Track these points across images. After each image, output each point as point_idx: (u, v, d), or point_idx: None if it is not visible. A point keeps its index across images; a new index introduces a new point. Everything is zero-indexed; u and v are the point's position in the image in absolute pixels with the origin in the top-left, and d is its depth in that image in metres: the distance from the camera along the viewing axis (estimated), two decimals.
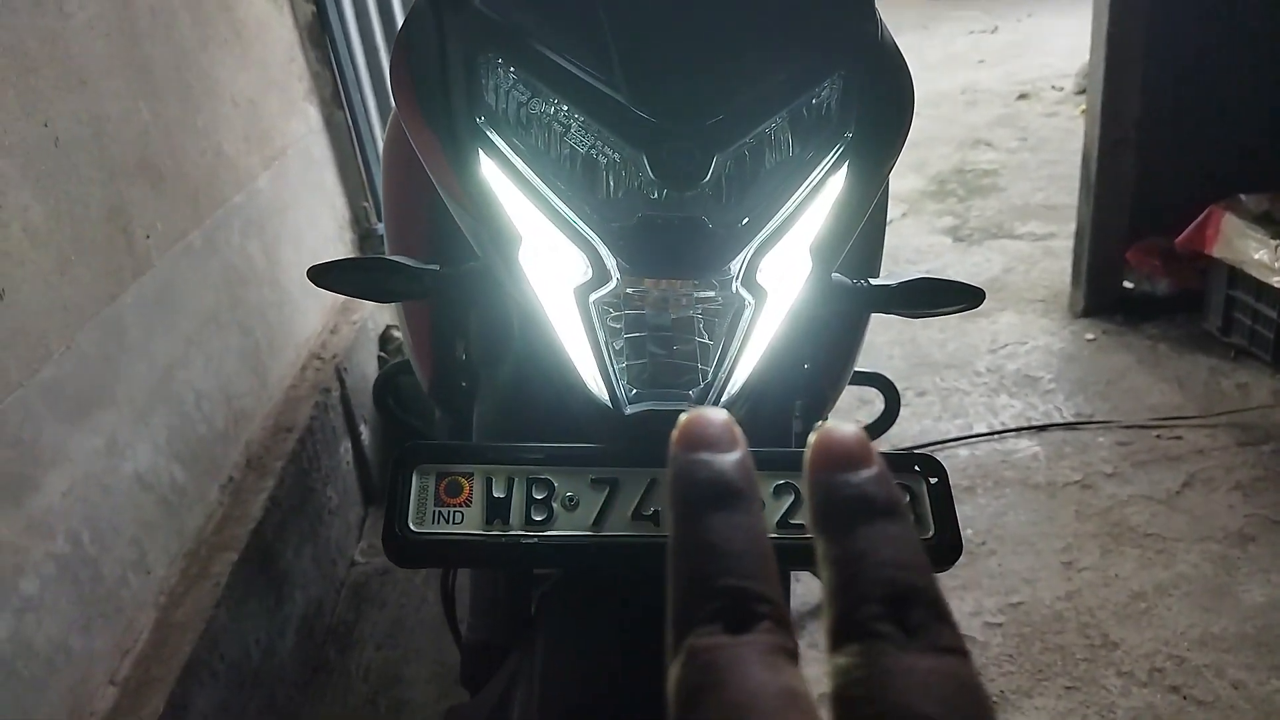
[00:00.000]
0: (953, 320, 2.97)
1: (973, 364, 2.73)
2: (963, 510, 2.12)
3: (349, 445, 2.12)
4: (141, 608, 1.40)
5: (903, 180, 4.24)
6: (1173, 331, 2.74)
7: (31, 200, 1.25)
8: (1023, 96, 5.28)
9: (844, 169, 0.72)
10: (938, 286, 0.78)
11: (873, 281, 0.78)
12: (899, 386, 2.65)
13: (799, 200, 0.70)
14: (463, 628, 0.96)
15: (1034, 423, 2.42)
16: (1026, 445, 2.34)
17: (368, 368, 2.27)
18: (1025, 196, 3.93)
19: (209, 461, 1.66)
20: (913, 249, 3.54)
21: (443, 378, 0.96)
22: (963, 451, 2.34)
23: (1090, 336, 2.80)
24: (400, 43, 0.79)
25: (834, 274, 0.76)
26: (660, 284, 0.69)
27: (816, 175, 0.71)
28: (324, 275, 0.74)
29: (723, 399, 0.70)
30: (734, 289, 0.68)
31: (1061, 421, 2.41)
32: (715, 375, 0.70)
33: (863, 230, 0.82)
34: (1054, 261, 3.27)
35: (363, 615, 1.94)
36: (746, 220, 0.68)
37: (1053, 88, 5.34)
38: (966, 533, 2.04)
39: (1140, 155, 2.70)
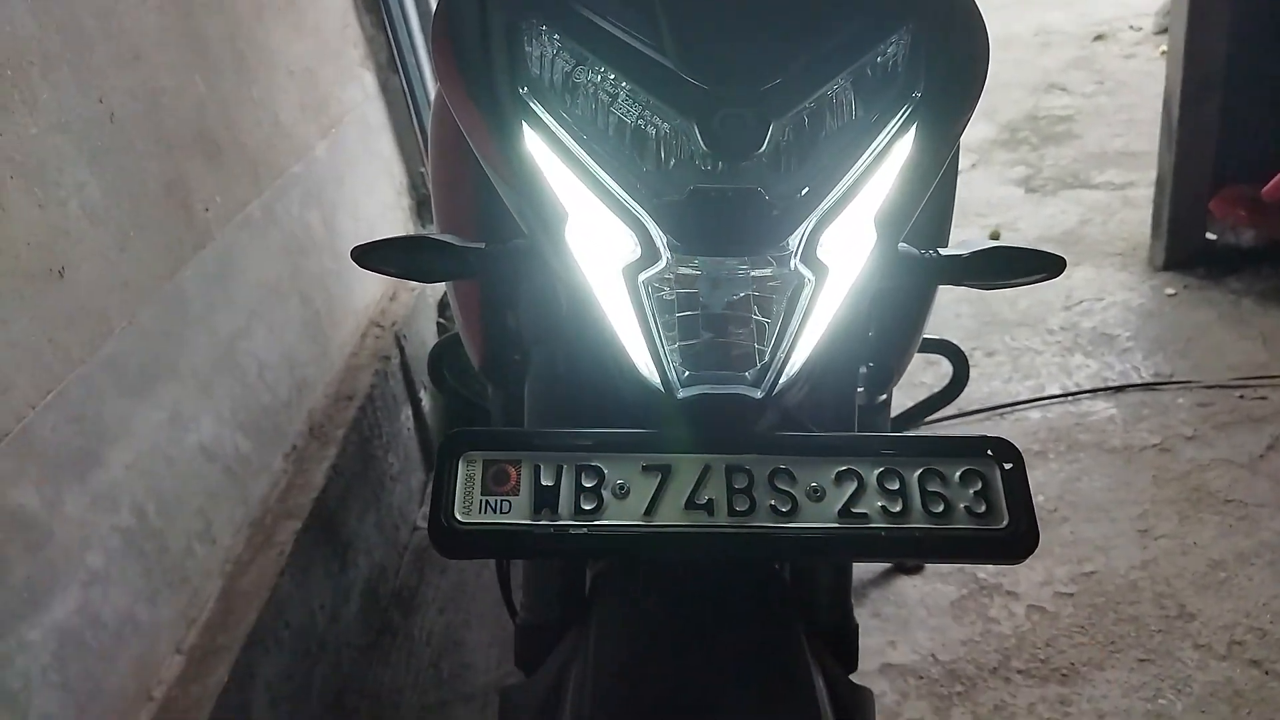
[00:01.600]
0: None
1: (1045, 321, 2.63)
2: (1034, 476, 2.06)
3: (409, 412, 2.13)
4: (208, 577, 1.43)
5: (972, 129, 4.07)
6: (1258, 285, 2.60)
7: (89, 177, 1.26)
8: (1099, 38, 5.04)
9: (912, 131, 0.67)
10: (1013, 255, 0.73)
11: (942, 252, 0.74)
12: (967, 347, 2.58)
13: (863, 167, 0.65)
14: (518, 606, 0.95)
15: (1110, 383, 2.33)
16: (1102, 407, 2.26)
17: (427, 334, 2.27)
18: (1102, 143, 3.77)
19: (272, 430, 1.68)
20: (983, 201, 3.43)
21: (494, 355, 0.95)
22: (1034, 414, 2.27)
23: (1171, 291, 2.68)
24: (440, 11, 0.76)
25: (901, 244, 0.72)
26: (714, 261, 0.65)
27: (883, 140, 0.66)
28: (368, 255, 0.72)
29: (780, 382, 0.67)
30: (792, 266, 0.65)
31: (1139, 382, 2.32)
32: (773, 357, 0.67)
33: (931, 196, 0.77)
34: (1133, 212, 3.13)
35: (425, 580, 1.96)
36: (806, 191, 0.64)
37: (1131, 27, 5.09)
38: (1038, 499, 1.99)
39: (1226, 99, 2.55)
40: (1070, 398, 2.30)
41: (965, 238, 0.77)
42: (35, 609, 1.08)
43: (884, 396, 1.08)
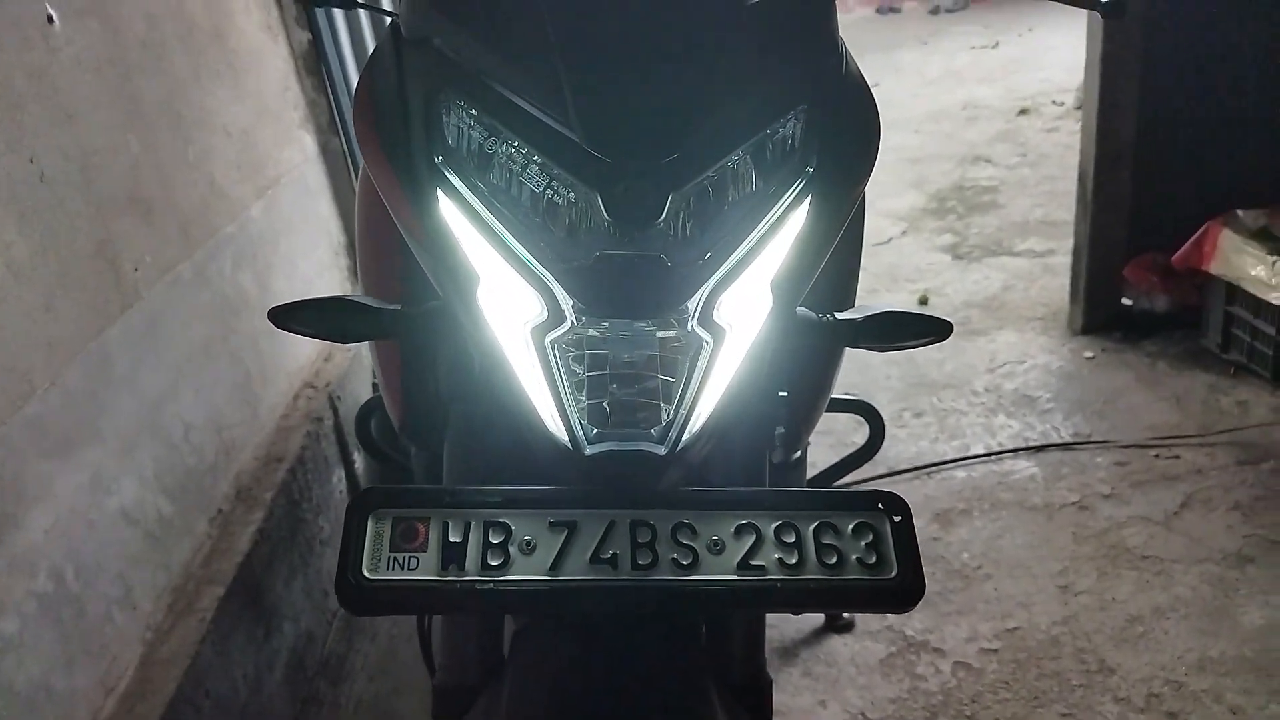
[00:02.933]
0: (951, 339, 2.95)
1: (970, 384, 2.72)
2: (959, 533, 2.11)
3: (342, 474, 2.11)
4: (126, 644, 1.40)
5: (902, 198, 4.24)
6: (1172, 348, 2.72)
7: (16, 236, 1.26)
8: (1023, 112, 5.28)
9: (806, 202, 0.72)
10: (903, 320, 0.78)
11: (838, 316, 0.78)
12: (895, 408, 2.65)
13: (760, 235, 0.69)
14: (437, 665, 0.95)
15: (1031, 443, 2.41)
16: (1024, 466, 2.33)
17: (361, 395, 2.27)
18: (1025, 213, 3.93)
19: (197, 494, 1.66)
20: (912, 267, 3.54)
21: (414, 417, 0.96)
22: (959, 473, 2.33)
23: (1089, 354, 2.78)
24: (363, 82, 0.79)
25: (799, 308, 0.75)
26: (617, 323, 0.68)
27: (778, 210, 0.70)
28: (286, 316, 0.74)
29: (683, 439, 0.70)
30: (690, 328, 0.68)
31: (1059, 442, 2.40)
32: (676, 415, 0.70)
33: (835, 261, 0.81)
34: (1053, 278, 3.26)
35: (354, 647, 1.93)
36: (705, 257, 0.68)
37: (1053, 103, 5.34)
38: (962, 556, 2.04)
39: (1137, 171, 2.70)
40: (994, 457, 2.37)
41: (895, 301, 0.82)
42: None
43: (797, 455, 1.11)
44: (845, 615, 1.89)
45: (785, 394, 1.01)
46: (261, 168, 2.07)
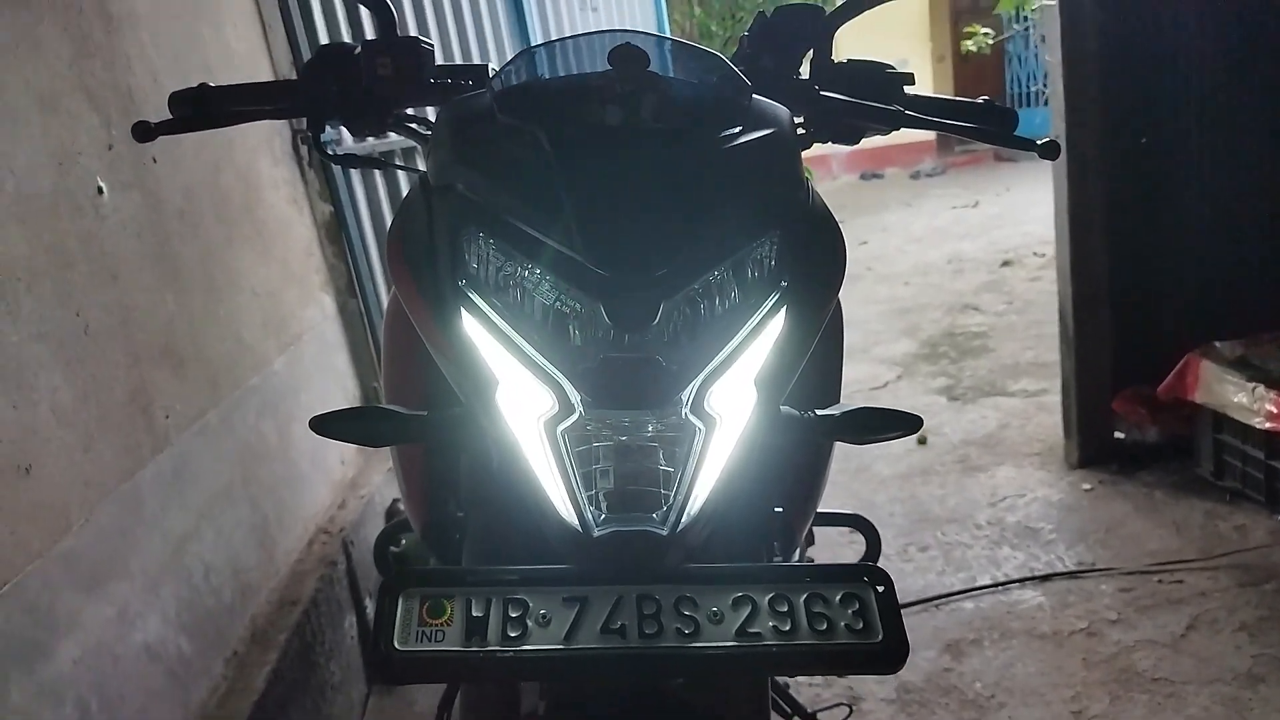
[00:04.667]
0: (952, 476, 3.03)
1: (973, 517, 2.76)
2: (970, 664, 2.11)
3: (353, 619, 2.14)
4: None
5: (895, 345, 4.39)
6: (1167, 478, 2.78)
7: (61, 382, 1.36)
8: (1006, 264, 5.51)
9: (782, 313, 0.82)
10: (877, 415, 0.86)
11: (818, 412, 0.86)
12: (900, 543, 2.69)
13: (742, 338, 0.79)
14: None
15: (1037, 573, 2.43)
16: (1031, 595, 2.35)
17: (374, 541, 2.31)
18: (1015, 355, 4.06)
19: (215, 634, 1.70)
20: (908, 409, 3.58)
21: (435, 522, 1.03)
22: (968, 604, 2.34)
23: (1087, 486, 2.84)
24: (395, 223, 0.91)
25: (783, 406, 0.84)
26: (622, 415, 0.77)
27: (757, 317, 0.80)
28: (323, 424, 0.82)
29: (683, 520, 0.77)
30: (683, 415, 0.76)
31: (1064, 570, 2.42)
32: (676, 498, 0.77)
33: (817, 366, 0.91)
34: (1048, 416, 3.34)
35: None
36: (695, 356, 0.77)
37: (1034, 254, 5.57)
38: (975, 686, 2.03)
39: (1115, 310, 2.83)
40: (1000, 587, 2.39)
41: (895, 443, 0.90)
42: None
43: (796, 558, 1.17)
44: None
45: (780, 510, 1.08)
46: (285, 325, 2.20)
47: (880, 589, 0.75)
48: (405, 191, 1.02)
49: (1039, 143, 1.06)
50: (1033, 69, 10.08)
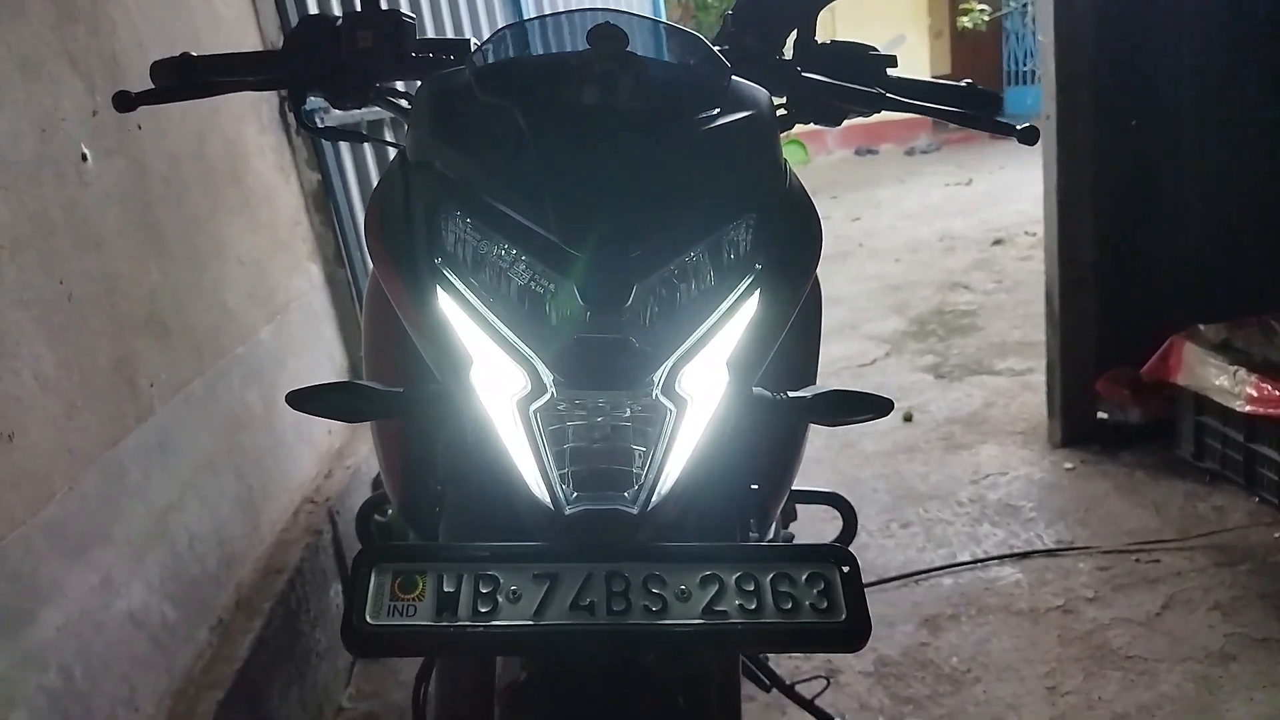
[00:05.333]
0: (935, 453, 3.05)
1: (955, 495, 2.78)
2: (947, 638, 2.14)
3: (338, 588, 2.16)
4: None
5: (884, 322, 4.40)
6: (1148, 459, 2.80)
7: (44, 350, 1.36)
8: (998, 242, 5.51)
9: (756, 295, 0.82)
10: (848, 397, 0.87)
11: (790, 394, 0.87)
12: (883, 519, 2.71)
13: (715, 320, 0.80)
14: None
15: (1016, 550, 2.46)
16: (1009, 573, 2.37)
17: (362, 503, 2.33)
18: (1003, 335, 4.07)
19: (199, 602, 1.71)
20: (895, 386, 3.65)
21: (413, 497, 1.04)
22: (947, 580, 2.37)
23: (1069, 465, 2.86)
24: (373, 200, 0.91)
25: (755, 388, 0.85)
26: (594, 395, 0.78)
27: (730, 299, 0.81)
28: (300, 399, 0.83)
29: (653, 500, 0.78)
30: (655, 397, 0.77)
31: (1043, 548, 2.45)
32: (645, 478, 0.78)
33: (794, 348, 0.92)
34: (1032, 395, 3.36)
35: None
36: (667, 338, 0.78)
37: (1026, 233, 5.58)
38: (951, 660, 2.06)
39: (1099, 292, 2.84)
40: (979, 564, 2.41)
41: (882, 419, 0.91)
42: None
43: (771, 535, 1.18)
44: (837, 719, 1.91)
45: (756, 487, 1.09)
46: (272, 295, 2.20)
47: (845, 569, 0.77)
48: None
49: (1019, 127, 1.06)
50: (1030, 46, 10.05)
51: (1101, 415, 2.96)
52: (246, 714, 1.67)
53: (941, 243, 5.69)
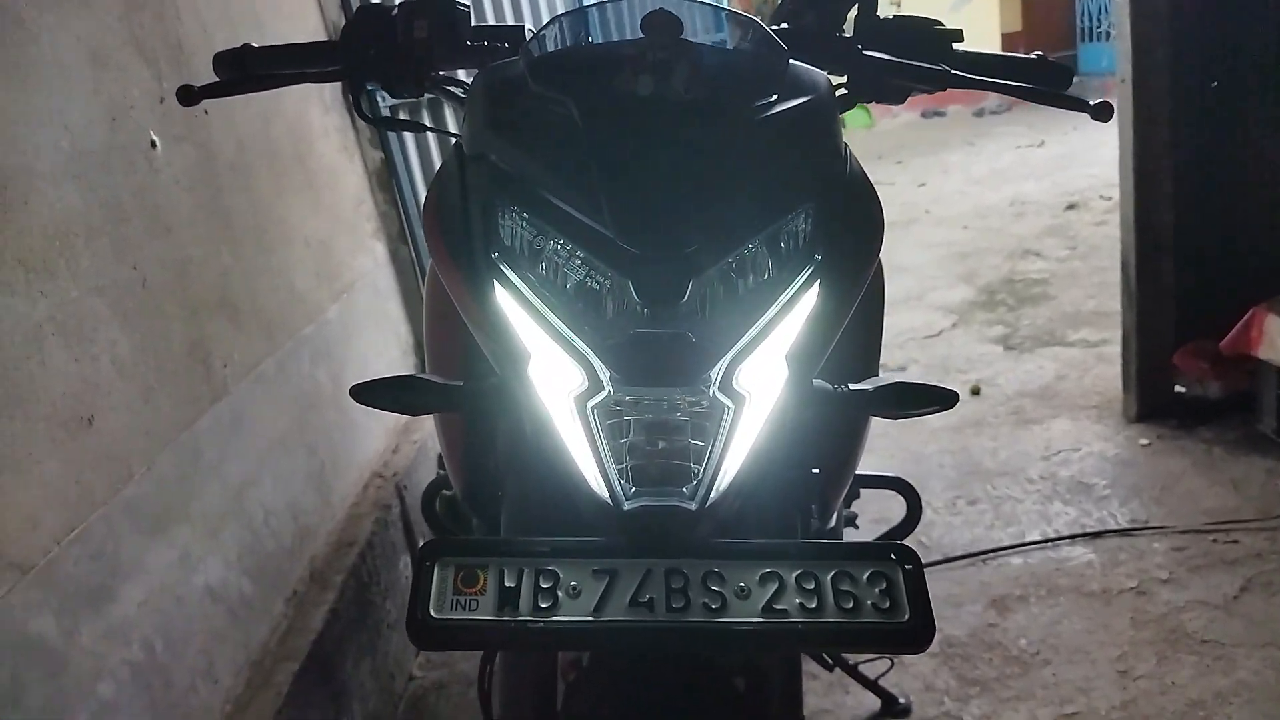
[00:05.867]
0: (1004, 428, 2.99)
1: (1025, 471, 2.73)
2: (1016, 620, 2.11)
3: (407, 560, 2.21)
4: (208, 714, 1.48)
5: (952, 291, 4.31)
6: (1227, 434, 2.71)
7: (120, 335, 1.40)
8: (1071, 207, 5.34)
9: (816, 286, 0.81)
10: (911, 389, 0.85)
11: (851, 387, 0.85)
12: (949, 495, 2.67)
13: (773, 314, 0.79)
14: None
15: (1088, 529, 2.40)
16: (1081, 553, 2.32)
17: (422, 491, 2.37)
18: (1077, 304, 3.96)
19: (275, 575, 1.76)
20: (963, 358, 3.58)
21: (475, 485, 1.05)
22: (1015, 560, 2.33)
23: (1144, 441, 2.78)
24: (431, 192, 0.91)
25: (816, 380, 0.84)
26: (650, 391, 0.78)
27: (789, 292, 0.80)
28: (363, 393, 0.84)
29: (712, 496, 0.78)
30: (712, 393, 0.77)
31: (1116, 528, 2.39)
32: (705, 474, 0.78)
33: (854, 337, 0.90)
34: (1108, 368, 3.27)
35: None
36: (724, 333, 0.77)
37: (1101, 197, 5.40)
38: (1020, 642, 2.03)
39: (1179, 261, 2.74)
40: (1050, 544, 2.37)
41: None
42: None
43: (832, 525, 1.17)
44: (902, 700, 1.90)
45: (817, 470, 1.08)
46: (338, 274, 2.24)
47: (908, 568, 0.76)
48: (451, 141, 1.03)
49: (1092, 103, 1.02)
50: (1104, 2, 9.64)
51: (1179, 389, 2.87)
52: (321, 684, 1.72)
53: (1012, 208, 5.54)
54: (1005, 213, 5.45)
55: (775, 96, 0.84)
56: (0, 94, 1.21)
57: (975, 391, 3.26)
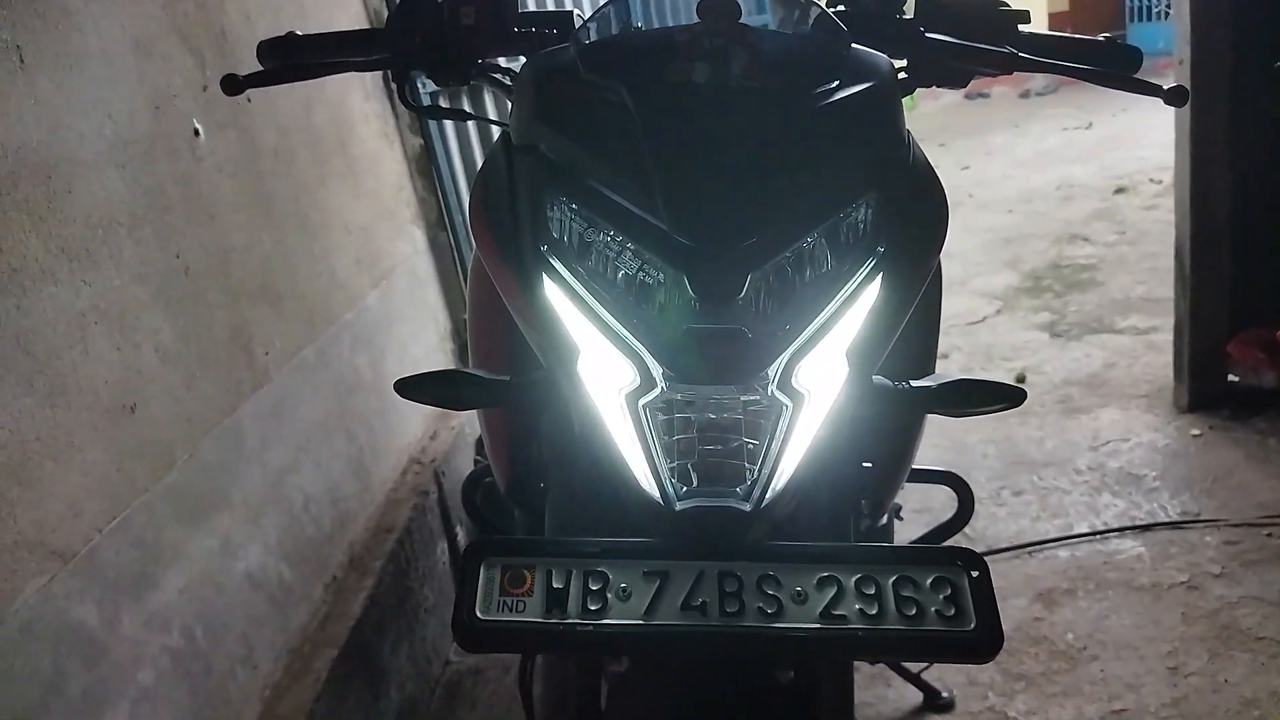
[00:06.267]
0: (1051, 417, 2.93)
1: (1073, 462, 2.67)
2: (1063, 614, 2.07)
3: (445, 546, 2.20)
4: (247, 700, 1.49)
5: (996, 276, 4.23)
6: None
7: (163, 323, 1.40)
8: (1120, 190, 5.22)
9: (878, 280, 0.78)
10: (976, 387, 0.82)
11: (913, 383, 0.82)
12: (994, 486, 2.62)
13: (834, 309, 0.75)
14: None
15: (1138, 522, 2.34)
16: (1130, 545, 2.27)
17: (464, 471, 2.36)
18: (1125, 290, 3.87)
19: (315, 561, 1.76)
20: (1008, 345, 3.51)
21: (519, 479, 1.04)
22: (1063, 553, 2.28)
23: (1196, 432, 2.71)
24: (477, 184, 0.89)
25: (875, 376, 0.81)
26: (705, 390, 0.75)
27: (850, 287, 0.77)
28: (408, 387, 0.82)
29: (767, 496, 0.75)
30: (770, 393, 0.74)
31: (1167, 520, 2.33)
32: (760, 474, 0.75)
33: (913, 331, 0.87)
34: (1157, 356, 3.19)
35: (455, 715, 1.98)
36: (783, 329, 0.74)
37: (1151, 180, 5.27)
38: (1067, 637, 1.99)
39: (1235, 248, 2.66)
40: (1098, 536, 2.31)
41: (992, 378, 0.85)
42: None
43: (884, 522, 1.14)
44: (945, 694, 1.87)
45: (869, 465, 1.05)
46: (378, 260, 2.23)
47: (975, 574, 0.73)
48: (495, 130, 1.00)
49: (1165, 87, 0.98)
50: None
51: (1232, 378, 2.79)
52: (360, 670, 1.72)
53: (1058, 191, 5.42)
54: (1051, 196, 5.34)
55: (836, 82, 0.81)
56: (45, 83, 1.21)
57: (1020, 379, 3.20)
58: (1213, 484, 2.45)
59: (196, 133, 1.54)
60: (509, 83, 1.07)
